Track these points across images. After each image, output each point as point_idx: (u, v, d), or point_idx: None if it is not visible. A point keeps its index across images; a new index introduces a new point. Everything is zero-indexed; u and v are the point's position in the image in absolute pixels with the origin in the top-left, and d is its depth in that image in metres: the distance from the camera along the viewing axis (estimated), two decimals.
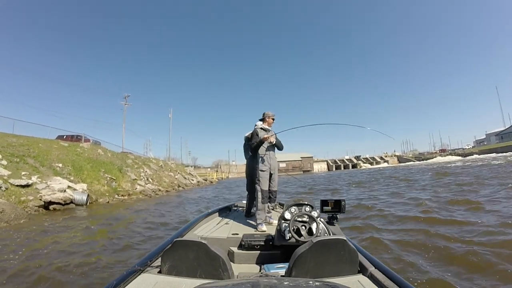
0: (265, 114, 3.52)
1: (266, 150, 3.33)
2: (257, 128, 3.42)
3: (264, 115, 3.52)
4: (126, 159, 20.81)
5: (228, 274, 1.46)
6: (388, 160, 77.11)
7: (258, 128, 3.43)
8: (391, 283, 1.32)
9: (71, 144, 17.34)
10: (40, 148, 13.71)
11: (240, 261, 2.33)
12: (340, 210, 2.60)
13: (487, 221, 4.54)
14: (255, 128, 3.45)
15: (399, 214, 5.87)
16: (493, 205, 5.83)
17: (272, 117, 3.52)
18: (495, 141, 62.13)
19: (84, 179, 13.35)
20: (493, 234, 3.86)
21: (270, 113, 3.52)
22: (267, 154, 3.34)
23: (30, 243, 5.00)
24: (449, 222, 4.74)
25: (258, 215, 3.06)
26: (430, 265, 3.09)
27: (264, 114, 3.53)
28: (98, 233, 5.84)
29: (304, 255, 1.44)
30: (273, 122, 3.55)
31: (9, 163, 10.78)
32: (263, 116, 3.53)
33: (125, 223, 7.04)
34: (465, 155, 53.07)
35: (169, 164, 31.17)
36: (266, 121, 3.49)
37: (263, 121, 3.51)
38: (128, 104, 38.92)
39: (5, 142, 12.28)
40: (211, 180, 40.47)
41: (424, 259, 3.31)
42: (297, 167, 71.65)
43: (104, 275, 3.30)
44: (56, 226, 6.73)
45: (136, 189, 16.44)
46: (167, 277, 1.45)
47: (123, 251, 4.46)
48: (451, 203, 6.48)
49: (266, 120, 3.50)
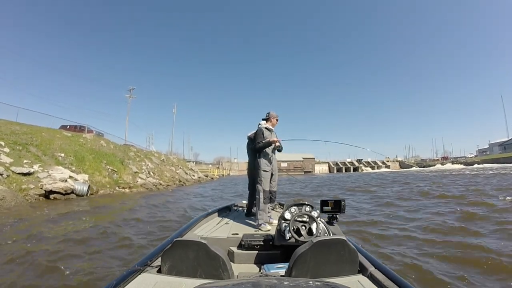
0: (270, 114, 3.48)
1: (270, 151, 3.32)
2: (262, 127, 3.38)
3: (268, 114, 3.49)
4: (128, 152, 20.88)
5: (228, 274, 1.46)
6: (389, 165, 76.87)
7: (263, 127, 3.38)
8: (391, 283, 1.32)
9: (74, 134, 17.42)
10: (43, 137, 13.78)
11: (240, 261, 2.33)
12: (340, 210, 2.60)
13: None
14: (259, 127, 3.40)
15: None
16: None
17: (276, 117, 3.50)
18: (498, 151, 61.79)
19: (86, 169, 13.41)
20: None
21: (275, 113, 3.49)
22: (271, 155, 3.33)
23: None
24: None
25: (260, 215, 3.03)
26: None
27: (268, 114, 3.50)
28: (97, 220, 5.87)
29: (304, 255, 1.44)
30: (276, 123, 3.53)
31: (12, 150, 10.85)
32: (267, 116, 3.49)
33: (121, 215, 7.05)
34: (467, 164, 52.79)
35: (171, 159, 31.25)
36: (270, 121, 3.46)
37: (267, 121, 3.47)
38: (133, 97, 39.04)
39: (8, 130, 12.35)
40: (212, 177, 40.62)
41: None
42: (298, 167, 71.65)
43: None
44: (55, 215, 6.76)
45: (137, 182, 16.50)
46: (167, 277, 1.45)
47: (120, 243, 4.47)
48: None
49: (271, 120, 3.46)
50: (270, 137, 3.33)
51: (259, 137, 3.28)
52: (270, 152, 3.31)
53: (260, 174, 3.22)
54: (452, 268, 3.14)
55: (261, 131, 3.33)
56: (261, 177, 3.21)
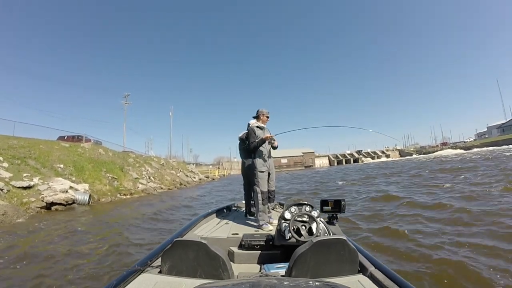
0: (260, 112, 3.41)
1: (265, 150, 3.26)
2: (253, 127, 3.31)
3: (258, 112, 3.42)
4: (128, 158, 20.85)
5: (228, 274, 1.46)
6: (389, 154, 76.95)
7: (254, 126, 3.32)
8: (391, 283, 1.31)
9: (72, 144, 17.36)
10: (41, 149, 13.73)
11: (240, 261, 2.33)
12: (340, 210, 2.59)
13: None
14: (250, 127, 3.34)
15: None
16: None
17: (267, 114, 3.42)
18: (497, 134, 61.93)
19: (86, 179, 13.40)
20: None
21: (265, 110, 3.42)
22: (266, 153, 3.27)
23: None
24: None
25: (260, 216, 3.00)
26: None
27: (258, 111, 3.42)
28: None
29: (304, 255, 1.43)
30: (267, 120, 3.45)
31: (11, 165, 10.81)
32: (257, 113, 3.42)
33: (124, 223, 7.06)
34: (466, 148, 52.85)
35: (170, 162, 31.24)
36: (261, 118, 3.39)
37: (257, 119, 3.41)
38: (129, 103, 38.90)
39: (6, 145, 12.30)
40: (213, 177, 40.65)
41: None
42: (298, 162, 71.73)
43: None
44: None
45: (138, 188, 16.51)
46: (167, 277, 1.45)
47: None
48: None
49: (260, 117, 3.39)
50: (263, 134, 3.25)
51: (252, 137, 3.22)
52: (265, 151, 3.26)
53: (256, 175, 3.16)
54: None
55: (252, 130, 3.26)
56: (257, 178, 3.15)
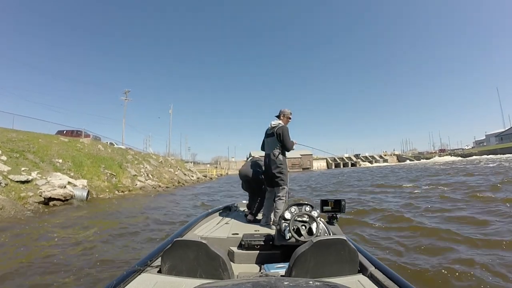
0: (283, 112, 3.26)
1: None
2: (287, 126, 3.21)
3: (280, 112, 3.27)
4: (126, 155, 20.79)
5: (228, 274, 1.46)
6: (387, 159, 77.14)
7: (287, 126, 3.21)
8: (391, 283, 1.32)
9: (71, 139, 17.28)
10: (40, 143, 13.66)
11: (240, 261, 2.33)
12: (340, 209, 2.60)
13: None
14: (286, 126, 3.20)
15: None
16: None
17: (289, 115, 3.27)
18: (495, 142, 62.13)
19: (84, 175, 13.34)
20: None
21: (288, 110, 3.26)
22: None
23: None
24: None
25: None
26: None
27: (280, 111, 3.28)
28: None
29: (304, 255, 1.44)
30: (288, 122, 3.29)
31: (9, 158, 10.74)
32: (280, 113, 3.27)
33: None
34: (464, 156, 53.03)
35: (169, 160, 31.15)
36: (282, 119, 3.24)
37: (278, 118, 3.27)
38: (129, 100, 38.93)
39: (4, 138, 12.22)
40: (211, 177, 40.55)
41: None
42: (296, 164, 71.72)
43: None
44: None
45: (136, 185, 16.45)
46: (167, 277, 1.45)
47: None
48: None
49: (283, 118, 3.25)
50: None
51: (288, 136, 3.13)
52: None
53: (287, 174, 3.14)
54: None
55: (287, 130, 3.16)
56: (287, 176, 3.14)
